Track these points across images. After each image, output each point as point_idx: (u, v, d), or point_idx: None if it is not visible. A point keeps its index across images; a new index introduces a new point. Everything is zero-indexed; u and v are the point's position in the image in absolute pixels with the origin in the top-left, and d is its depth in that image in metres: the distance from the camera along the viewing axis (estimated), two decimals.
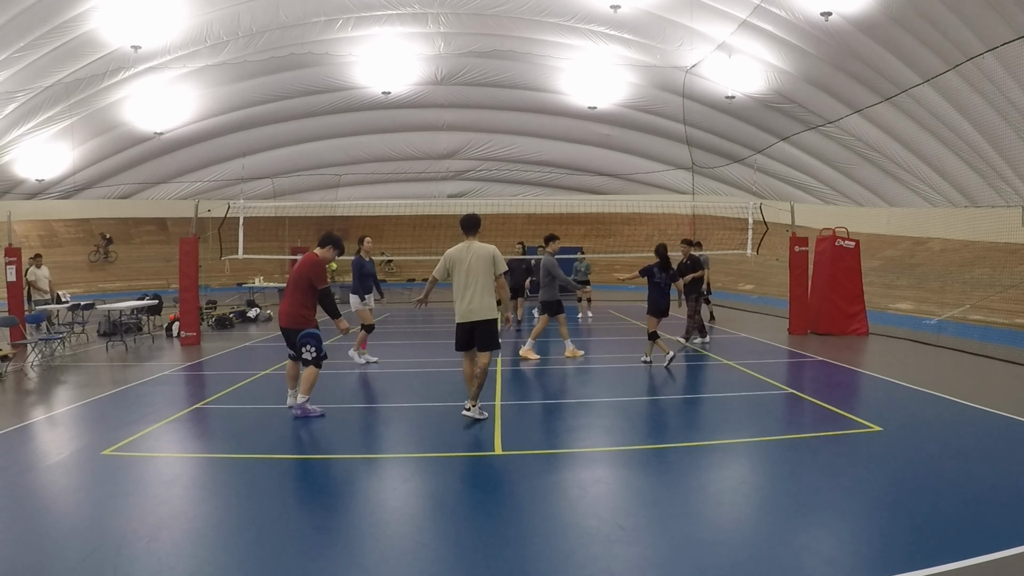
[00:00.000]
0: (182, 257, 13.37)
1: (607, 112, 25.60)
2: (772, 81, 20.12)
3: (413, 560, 3.80)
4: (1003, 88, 14.41)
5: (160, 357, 11.63)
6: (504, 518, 4.43)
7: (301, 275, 7.19)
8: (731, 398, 8.06)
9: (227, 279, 23.90)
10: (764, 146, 23.59)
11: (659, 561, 3.75)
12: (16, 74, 19.05)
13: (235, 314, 17.26)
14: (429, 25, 21.57)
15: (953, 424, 6.72)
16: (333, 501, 4.71)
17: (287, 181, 29.20)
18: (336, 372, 9.70)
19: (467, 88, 25.26)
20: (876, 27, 15.83)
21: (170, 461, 5.71)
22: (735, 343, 12.89)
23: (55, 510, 4.65)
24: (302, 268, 7.23)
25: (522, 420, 7.08)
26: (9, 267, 13.24)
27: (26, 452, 6.04)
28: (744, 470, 5.48)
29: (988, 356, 10.81)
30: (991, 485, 4.85)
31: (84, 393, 8.41)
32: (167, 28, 19.40)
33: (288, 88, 24.38)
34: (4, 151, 23.16)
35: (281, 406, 7.47)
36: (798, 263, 14.10)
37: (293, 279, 7.27)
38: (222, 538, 4.15)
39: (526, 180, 30.25)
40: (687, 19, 18.58)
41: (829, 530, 4.21)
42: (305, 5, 19.89)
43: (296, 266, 7.35)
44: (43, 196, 26.79)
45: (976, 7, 13.38)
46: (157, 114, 24.24)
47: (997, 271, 16.05)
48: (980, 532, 4.00)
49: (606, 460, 5.71)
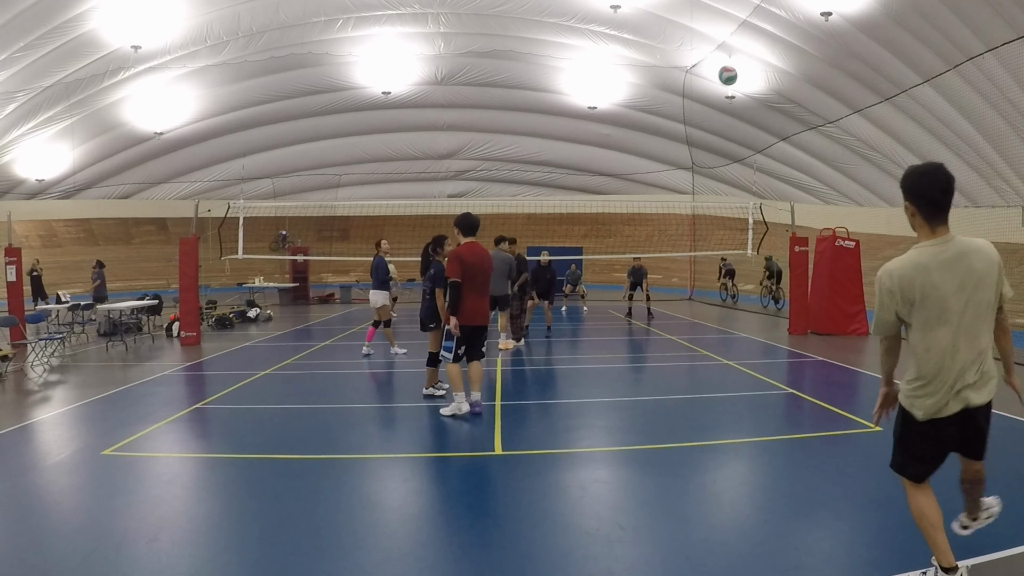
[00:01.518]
0: (182, 257, 13.37)
1: (607, 112, 25.60)
2: (772, 81, 20.12)
3: (413, 560, 3.79)
4: (1003, 88, 14.40)
5: (160, 357, 11.63)
6: (504, 518, 4.43)
7: (489, 270, 7.12)
8: (731, 398, 8.06)
9: (227, 279, 23.94)
10: (764, 146, 23.59)
11: (659, 561, 3.75)
12: (16, 74, 19.06)
13: (235, 314, 17.26)
14: (429, 25, 21.57)
15: None
16: (333, 501, 4.71)
17: (287, 181, 29.21)
18: (336, 372, 9.71)
19: (467, 88, 25.26)
20: (876, 27, 15.82)
21: (170, 461, 5.71)
22: (735, 343, 12.89)
23: (55, 510, 4.65)
24: (490, 263, 7.18)
25: (522, 420, 7.07)
26: (9, 267, 13.24)
27: (26, 452, 6.04)
28: (744, 470, 5.47)
29: None
30: (991, 485, 4.84)
31: (84, 393, 8.41)
32: (167, 28, 19.40)
33: (288, 88, 24.39)
34: (4, 151, 23.17)
35: (281, 406, 7.47)
36: (798, 263, 14.11)
37: (485, 274, 7.05)
38: (222, 538, 4.15)
39: (526, 180, 30.26)
40: (687, 19, 18.58)
41: (829, 530, 4.20)
42: (305, 5, 19.89)
43: (485, 261, 7.09)
44: (43, 196, 26.80)
45: (976, 7, 13.37)
46: (157, 114, 24.25)
47: None
48: (980, 532, 4.00)
49: (606, 460, 5.71)
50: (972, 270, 2.91)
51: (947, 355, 2.95)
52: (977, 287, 2.92)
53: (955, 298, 2.90)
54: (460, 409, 6.91)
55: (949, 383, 2.97)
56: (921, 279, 2.92)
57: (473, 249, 7.01)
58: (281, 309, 21.21)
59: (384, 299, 11.06)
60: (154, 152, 26.62)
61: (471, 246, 7.02)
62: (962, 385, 2.97)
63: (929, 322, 2.95)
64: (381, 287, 11.06)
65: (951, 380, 2.96)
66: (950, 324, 2.92)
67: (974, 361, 2.97)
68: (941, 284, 2.90)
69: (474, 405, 6.98)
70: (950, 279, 2.90)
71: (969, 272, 2.91)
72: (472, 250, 6.99)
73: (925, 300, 2.93)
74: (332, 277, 28.32)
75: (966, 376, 2.96)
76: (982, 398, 3.04)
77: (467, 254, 6.90)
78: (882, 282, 3.03)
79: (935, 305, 2.92)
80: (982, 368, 3.00)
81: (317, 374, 9.81)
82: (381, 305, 10.98)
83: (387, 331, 11.13)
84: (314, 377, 9.62)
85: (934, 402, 3.01)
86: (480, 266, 6.97)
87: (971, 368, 2.97)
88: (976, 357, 2.97)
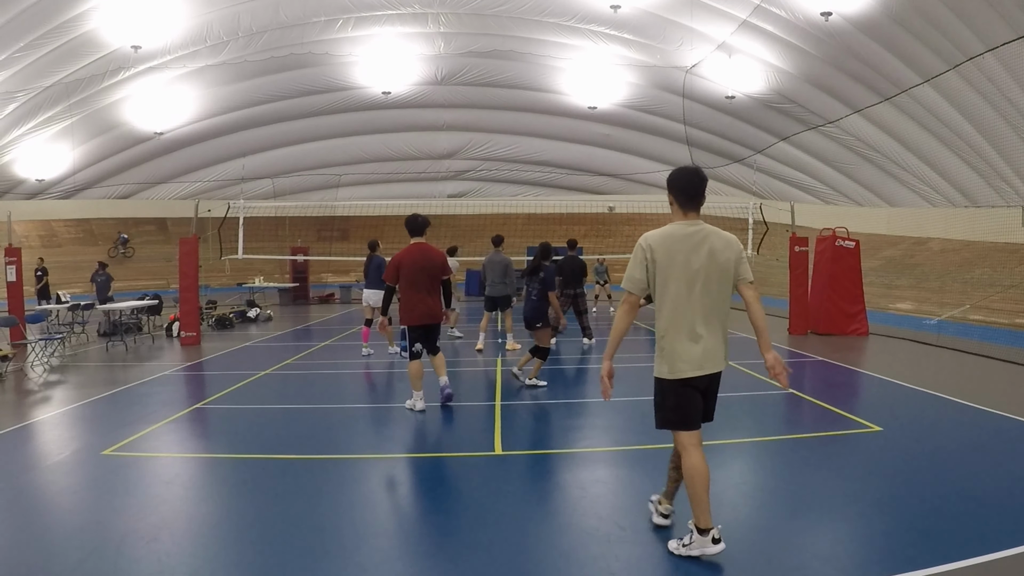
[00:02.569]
0: (182, 257, 13.37)
1: (607, 112, 25.60)
2: (772, 81, 20.12)
3: (413, 560, 3.80)
4: (1003, 88, 14.41)
5: (160, 357, 11.63)
6: (503, 518, 4.43)
7: (441, 270, 7.18)
8: (731, 398, 8.05)
9: (227, 279, 23.93)
10: (764, 146, 23.59)
11: (659, 561, 3.75)
12: (16, 74, 19.06)
13: (235, 314, 17.25)
14: (429, 25, 21.57)
15: (953, 424, 6.72)
16: (333, 501, 4.71)
17: (287, 181, 29.21)
18: (337, 372, 9.71)
19: (467, 88, 25.26)
20: (876, 27, 15.83)
21: (170, 461, 5.71)
22: (735, 343, 12.85)
23: (55, 510, 4.65)
24: (443, 262, 7.24)
25: (522, 420, 7.07)
26: (9, 267, 13.24)
27: (26, 452, 6.04)
28: (744, 470, 5.47)
29: (988, 356, 10.81)
30: (991, 485, 4.85)
31: (84, 393, 8.41)
32: (167, 28, 19.41)
33: (288, 88, 24.39)
34: (4, 151, 23.18)
35: (281, 406, 7.47)
36: (798, 263, 14.10)
37: (434, 275, 7.12)
38: (222, 538, 4.15)
39: (526, 180, 30.26)
40: (687, 19, 18.58)
41: (829, 530, 4.20)
42: (305, 5, 19.89)
43: (432, 260, 7.14)
44: (43, 196, 26.81)
45: (976, 7, 13.38)
46: (157, 114, 24.25)
47: (997, 271, 16.06)
48: (980, 532, 4.00)
49: (606, 460, 5.71)
50: (709, 246, 3.66)
51: (680, 305, 3.65)
52: (711, 259, 3.64)
53: (692, 258, 3.63)
54: (415, 406, 7.10)
55: (684, 332, 3.65)
56: (667, 244, 3.68)
57: (413, 251, 7.07)
58: (281, 309, 21.20)
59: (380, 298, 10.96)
60: (154, 152, 26.62)
61: (412, 249, 7.09)
62: (696, 337, 3.65)
63: (667, 280, 3.65)
64: (379, 287, 10.96)
65: (686, 329, 3.64)
66: (682, 281, 3.64)
67: (705, 318, 3.66)
68: (680, 250, 3.65)
69: (444, 388, 7.23)
70: (687, 247, 3.66)
71: (703, 245, 3.66)
72: (411, 253, 7.06)
73: (667, 260, 3.65)
74: (332, 277, 28.30)
75: (696, 328, 3.64)
76: (715, 367, 3.72)
77: (406, 258, 7.03)
78: (639, 244, 3.74)
79: (673, 263, 3.65)
80: (712, 329, 3.69)
81: (317, 374, 9.81)
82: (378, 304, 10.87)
83: (388, 330, 11.06)
84: (314, 377, 9.62)
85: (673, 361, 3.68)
86: (422, 267, 7.02)
87: (700, 323, 3.65)
88: (705, 315, 3.66)
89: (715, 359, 3.69)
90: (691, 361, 3.63)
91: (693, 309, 3.63)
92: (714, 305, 3.68)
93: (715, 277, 3.65)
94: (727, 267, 3.68)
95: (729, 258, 3.69)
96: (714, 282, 3.65)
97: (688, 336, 3.64)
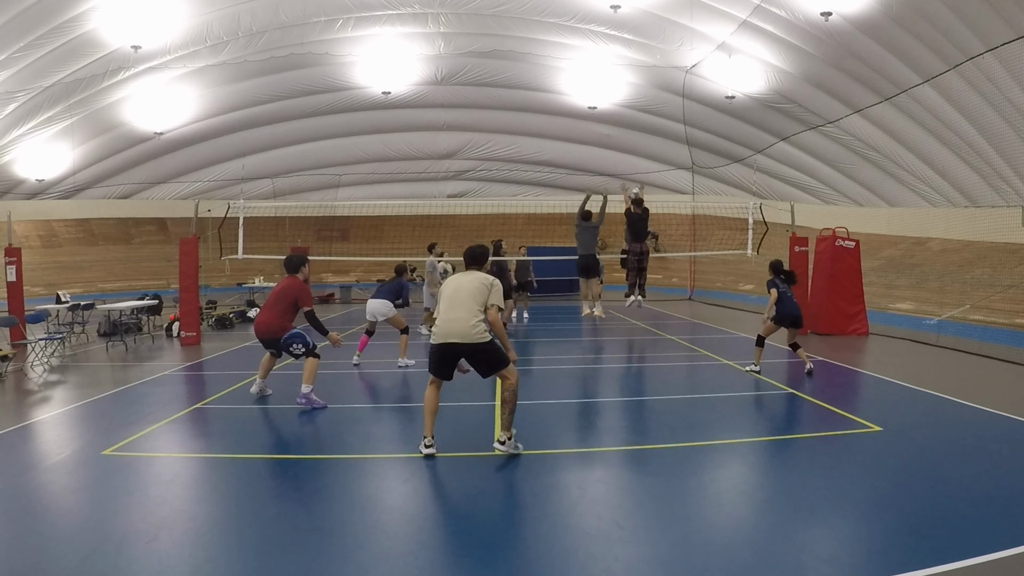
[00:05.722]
0: (182, 257, 13.37)
1: (607, 112, 25.59)
2: (772, 81, 20.11)
3: (413, 560, 3.80)
4: (1003, 88, 14.40)
5: (160, 357, 11.63)
6: (504, 518, 4.43)
7: (287, 295, 7.79)
8: (731, 398, 8.06)
9: (227, 279, 23.92)
10: (764, 146, 23.58)
11: (659, 561, 3.75)
12: (16, 74, 19.04)
13: (235, 314, 17.26)
14: (429, 25, 21.56)
15: (953, 424, 6.73)
16: (333, 501, 4.71)
17: (287, 181, 29.19)
18: (337, 372, 9.71)
19: (467, 88, 25.24)
20: (876, 27, 15.82)
21: (170, 461, 5.71)
22: (735, 343, 12.88)
23: (55, 510, 4.66)
24: (289, 290, 7.82)
25: (522, 420, 7.06)
26: (9, 267, 13.24)
27: (26, 452, 6.04)
28: (744, 470, 5.48)
29: (988, 356, 10.82)
30: (991, 485, 4.85)
31: (84, 393, 8.42)
32: (167, 28, 19.39)
33: (288, 88, 24.37)
34: (4, 151, 23.16)
35: (280, 406, 7.47)
36: (798, 263, 14.10)
37: (275, 297, 7.86)
38: (222, 538, 4.15)
39: (526, 180, 30.24)
40: (687, 19, 18.57)
41: (829, 530, 4.21)
42: (305, 5, 19.87)
43: (280, 287, 7.91)
44: (43, 196, 26.79)
45: (976, 7, 13.37)
46: (157, 114, 24.22)
47: (997, 271, 16.06)
48: (980, 532, 4.00)
49: (606, 460, 5.71)
50: (473, 277, 5.81)
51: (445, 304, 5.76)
52: (470, 283, 5.73)
53: (460, 283, 5.80)
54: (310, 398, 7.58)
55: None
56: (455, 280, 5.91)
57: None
58: None
59: (391, 310, 10.45)
60: (154, 152, 26.60)
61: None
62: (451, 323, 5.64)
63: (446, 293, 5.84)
64: (387, 296, 10.56)
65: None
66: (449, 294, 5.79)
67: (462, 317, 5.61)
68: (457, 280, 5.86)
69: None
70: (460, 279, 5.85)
71: (468, 277, 5.84)
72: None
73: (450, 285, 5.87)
74: (332, 277, 28.29)
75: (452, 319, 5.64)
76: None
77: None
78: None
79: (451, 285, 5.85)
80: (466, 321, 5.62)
81: (316, 374, 9.78)
82: (394, 315, 10.46)
83: (404, 339, 10.47)
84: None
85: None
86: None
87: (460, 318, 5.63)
88: (462, 315, 5.62)
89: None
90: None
91: (454, 310, 5.73)
92: (466, 310, 5.70)
93: (465, 295, 5.73)
94: (479, 289, 5.74)
95: (480, 284, 5.73)
96: (466, 298, 5.72)
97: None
